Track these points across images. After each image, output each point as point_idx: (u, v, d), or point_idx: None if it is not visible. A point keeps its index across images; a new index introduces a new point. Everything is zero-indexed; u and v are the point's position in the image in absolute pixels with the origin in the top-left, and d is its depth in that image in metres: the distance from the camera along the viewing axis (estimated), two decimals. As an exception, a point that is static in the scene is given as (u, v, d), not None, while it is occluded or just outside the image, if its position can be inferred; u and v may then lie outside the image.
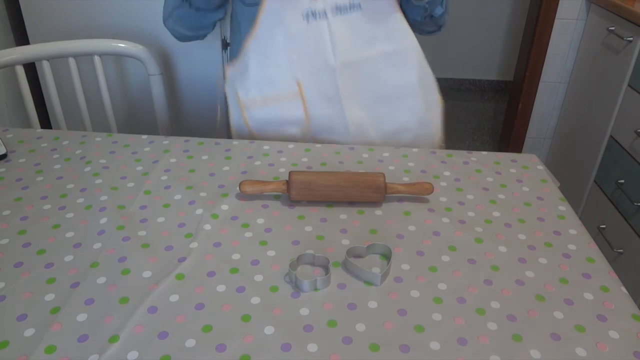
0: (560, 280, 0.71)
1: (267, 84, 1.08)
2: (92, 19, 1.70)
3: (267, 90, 1.09)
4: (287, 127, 1.12)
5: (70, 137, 1.05)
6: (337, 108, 1.08)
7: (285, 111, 1.10)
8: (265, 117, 1.12)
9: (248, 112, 1.12)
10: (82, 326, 0.63)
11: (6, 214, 0.82)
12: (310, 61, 1.05)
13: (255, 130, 1.14)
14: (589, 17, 2.08)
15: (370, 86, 1.10)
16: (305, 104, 1.08)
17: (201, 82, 1.82)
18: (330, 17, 1.02)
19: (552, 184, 0.93)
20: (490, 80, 3.61)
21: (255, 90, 1.09)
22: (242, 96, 1.10)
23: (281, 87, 1.08)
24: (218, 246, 0.76)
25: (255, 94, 1.10)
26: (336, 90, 1.06)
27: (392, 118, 1.14)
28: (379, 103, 1.12)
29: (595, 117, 1.95)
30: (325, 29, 1.02)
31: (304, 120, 1.10)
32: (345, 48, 1.04)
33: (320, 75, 1.06)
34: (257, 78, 1.08)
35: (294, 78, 1.07)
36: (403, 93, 1.12)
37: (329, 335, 0.62)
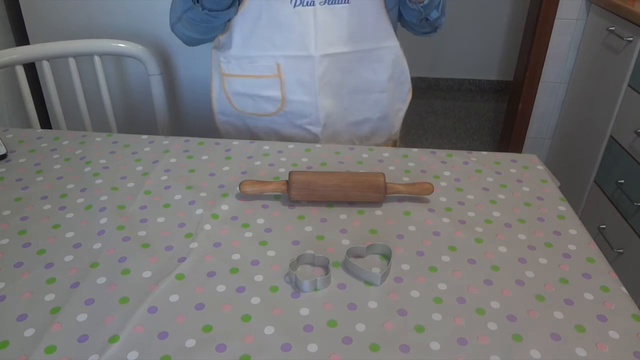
0: (561, 280, 0.71)
1: (247, 61, 1.11)
2: (92, 19, 1.70)
3: (247, 67, 1.11)
4: (262, 104, 1.15)
5: (70, 137, 1.05)
6: (312, 96, 1.11)
7: (263, 90, 1.13)
8: (242, 90, 1.15)
9: (227, 82, 1.15)
10: (82, 326, 0.63)
11: (6, 214, 0.82)
12: (291, 47, 1.07)
13: (233, 101, 1.17)
14: (589, 17, 2.08)
15: (344, 79, 1.12)
16: (282, 87, 1.11)
17: (201, 82, 1.82)
18: (318, 5, 1.03)
19: (552, 184, 0.93)
20: (490, 80, 3.61)
21: (236, 63, 1.12)
22: (224, 66, 1.14)
23: (261, 67, 1.10)
24: (218, 246, 0.76)
25: (235, 67, 1.12)
26: (313, 79, 1.09)
27: (357, 110, 1.18)
28: (349, 95, 1.15)
29: (595, 117, 1.95)
30: (311, 16, 1.03)
31: (280, 101, 1.13)
32: (327, 39, 1.06)
33: (300, 62, 1.08)
34: (239, 53, 1.10)
35: (274, 60, 1.09)
36: (372, 88, 1.16)
37: (329, 335, 0.62)
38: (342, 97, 1.15)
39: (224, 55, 1.12)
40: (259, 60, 1.10)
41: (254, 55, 1.10)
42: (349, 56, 1.10)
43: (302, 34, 1.05)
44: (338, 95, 1.14)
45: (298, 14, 1.03)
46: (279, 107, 1.14)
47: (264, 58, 1.09)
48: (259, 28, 1.06)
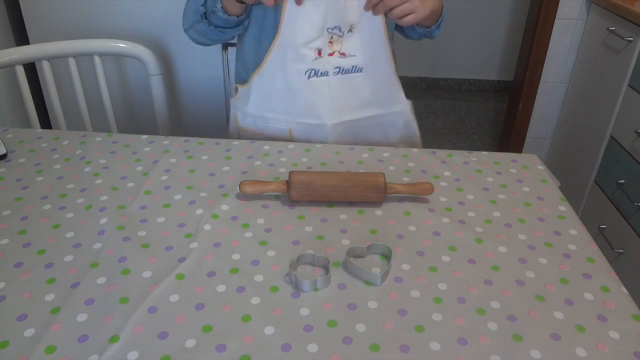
0: (561, 281, 0.71)
1: (262, 121, 1.13)
2: (92, 19, 1.70)
3: (262, 126, 1.13)
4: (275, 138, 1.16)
5: (70, 137, 1.05)
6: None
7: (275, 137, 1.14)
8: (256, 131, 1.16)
9: (243, 134, 1.17)
10: (82, 326, 0.63)
11: (6, 214, 0.82)
12: (304, 115, 1.08)
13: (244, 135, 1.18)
14: (589, 17, 2.08)
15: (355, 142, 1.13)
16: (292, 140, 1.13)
17: (201, 82, 1.82)
18: (332, 75, 1.04)
19: (553, 184, 0.93)
20: (490, 80, 3.61)
21: (251, 120, 1.14)
22: (240, 120, 1.16)
23: (273, 129, 1.12)
24: (218, 246, 0.76)
25: (250, 123, 1.14)
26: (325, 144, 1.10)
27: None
28: None
29: (595, 117, 1.95)
30: (325, 86, 1.05)
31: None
32: (340, 108, 1.07)
33: (312, 129, 1.09)
34: (255, 112, 1.12)
35: (286, 125, 1.11)
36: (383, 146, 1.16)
37: (329, 335, 0.62)
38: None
39: (241, 109, 1.14)
40: (272, 122, 1.11)
41: (267, 117, 1.11)
42: (361, 122, 1.11)
43: (315, 104, 1.06)
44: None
45: (312, 84, 1.04)
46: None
47: (277, 121, 1.11)
48: (274, 92, 1.08)
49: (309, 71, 1.03)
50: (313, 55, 1.02)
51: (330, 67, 1.03)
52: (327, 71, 1.04)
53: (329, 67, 1.03)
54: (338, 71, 1.04)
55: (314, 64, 1.03)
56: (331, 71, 1.04)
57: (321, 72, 1.04)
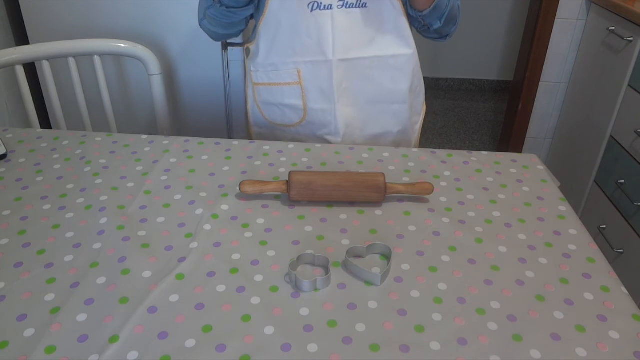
0: (561, 281, 0.71)
1: (272, 69, 1.11)
2: (92, 19, 1.70)
3: (272, 75, 1.12)
4: (288, 113, 1.15)
5: (70, 137, 1.05)
6: (330, 103, 1.10)
7: (286, 98, 1.13)
8: (270, 99, 1.15)
9: (257, 92, 1.16)
10: (82, 326, 0.63)
11: (6, 214, 0.82)
12: (310, 52, 1.06)
13: (264, 111, 1.18)
14: (589, 17, 2.08)
15: (363, 87, 1.11)
16: (303, 95, 1.11)
17: (201, 82, 1.82)
18: (335, 9, 1.02)
19: (552, 184, 0.93)
20: (490, 80, 3.61)
21: (263, 71, 1.13)
22: (254, 75, 1.15)
23: (283, 74, 1.11)
24: (218, 246, 0.76)
25: (262, 75, 1.13)
26: (331, 85, 1.08)
27: (377, 121, 1.16)
28: (369, 105, 1.13)
29: (595, 117, 1.95)
30: (328, 20, 1.03)
31: (302, 110, 1.13)
32: (344, 43, 1.05)
33: (318, 67, 1.07)
34: (264, 62, 1.11)
35: (295, 66, 1.09)
36: (393, 99, 1.14)
37: (329, 335, 0.62)
38: (362, 106, 1.13)
39: (254, 64, 1.14)
40: (281, 67, 1.10)
41: (276, 62, 1.10)
42: (367, 62, 1.08)
43: (319, 39, 1.05)
44: (357, 104, 1.12)
45: (315, 18, 1.03)
46: (302, 117, 1.14)
47: (286, 64, 1.09)
48: (279, 35, 1.06)
49: (311, 4, 1.01)
50: None
51: (334, 0, 1.01)
52: (331, 4, 1.02)
53: (333, 1, 1.01)
54: (342, 4, 1.02)
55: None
56: (335, 4, 1.02)
57: (324, 5, 1.02)
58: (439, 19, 1.07)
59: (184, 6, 1.68)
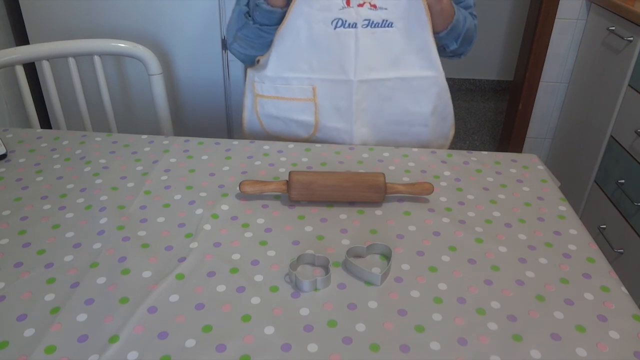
0: (561, 281, 0.71)
1: (282, 82, 1.08)
2: (92, 19, 1.70)
3: (282, 89, 1.08)
4: (295, 128, 1.12)
5: (70, 137, 1.05)
6: (347, 123, 1.08)
7: (296, 114, 1.10)
8: (275, 113, 1.12)
9: (260, 104, 1.12)
10: (82, 326, 0.63)
11: (6, 214, 0.82)
12: (329, 70, 1.04)
13: (264, 124, 1.14)
14: (589, 17, 2.08)
15: (382, 107, 1.08)
16: (317, 112, 1.08)
17: (201, 82, 1.82)
18: (360, 28, 0.99)
19: (553, 184, 0.93)
20: (490, 80, 3.61)
21: (270, 84, 1.09)
22: (258, 86, 1.11)
23: (295, 89, 1.07)
24: (218, 246, 0.76)
25: (269, 88, 1.09)
26: (350, 105, 1.06)
27: (396, 143, 1.13)
28: (388, 125, 1.11)
29: (595, 117, 1.95)
30: (352, 39, 1.00)
31: (313, 127, 1.10)
32: (367, 64, 1.03)
33: (337, 86, 1.05)
34: (274, 74, 1.08)
35: (310, 83, 1.06)
36: (414, 121, 1.11)
37: (329, 335, 0.62)
38: (380, 127, 1.10)
39: (259, 75, 1.10)
40: (294, 82, 1.07)
41: (289, 77, 1.07)
42: (389, 83, 1.06)
43: (341, 57, 1.02)
44: (375, 125, 1.10)
45: (338, 36, 1.00)
46: (312, 133, 1.11)
47: (300, 80, 1.06)
48: (296, 49, 1.03)
49: (335, 20, 0.98)
50: (341, 3, 0.97)
51: (359, 19, 0.98)
52: (356, 23, 0.99)
53: (358, 19, 0.98)
54: (367, 24, 0.99)
55: (341, 13, 0.98)
56: (360, 23, 0.99)
57: (349, 24, 0.99)
58: (455, 40, 1.06)
59: (184, 6, 1.68)
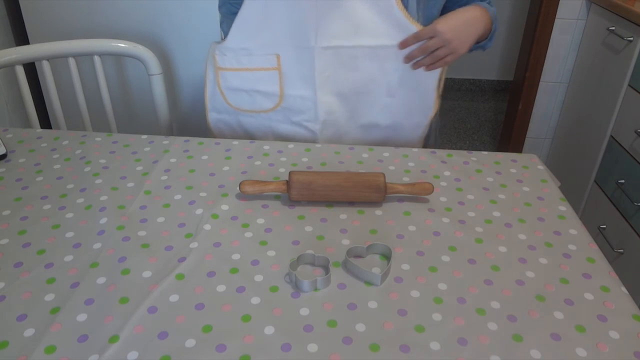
0: (561, 281, 0.71)
1: (244, 53, 1.06)
2: (92, 19, 1.70)
3: (244, 60, 1.06)
4: (259, 99, 1.10)
5: (70, 137, 1.05)
6: (311, 90, 1.07)
7: (260, 85, 1.08)
8: (238, 86, 1.10)
9: (222, 77, 1.10)
10: (82, 326, 0.63)
11: (6, 214, 0.82)
12: (291, 37, 1.02)
13: (227, 97, 1.12)
14: (589, 17, 2.08)
15: (348, 76, 1.06)
16: (281, 81, 1.07)
17: (201, 82, 1.82)
18: None
19: (553, 184, 0.93)
20: (490, 80, 3.61)
21: (232, 56, 1.07)
22: (219, 59, 1.09)
23: (259, 59, 1.06)
24: (218, 246, 0.76)
25: (231, 60, 1.07)
26: (312, 72, 1.04)
27: (365, 113, 1.11)
28: (355, 95, 1.09)
29: (595, 117, 1.95)
30: (312, 5, 0.97)
31: (278, 97, 1.09)
32: (329, 31, 1.00)
33: (300, 53, 1.03)
34: (236, 45, 1.05)
35: (273, 51, 1.04)
36: (377, 90, 1.08)
37: (329, 335, 0.62)
38: (347, 95, 1.09)
39: (219, 47, 1.07)
40: (257, 51, 1.04)
41: (251, 47, 1.04)
42: (353, 51, 1.03)
43: (301, 24, 0.99)
44: (341, 94, 1.08)
45: (298, 3, 0.97)
46: (277, 103, 1.09)
47: (263, 49, 1.04)
48: (258, 17, 1.01)
49: None
50: None
51: None
52: None
53: None
54: None
55: None
56: None
57: None
58: (490, 40, 1.08)
59: (184, 6, 1.68)
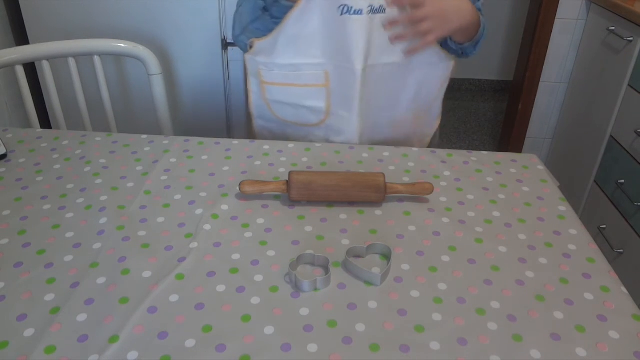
0: (561, 280, 0.71)
1: (293, 70, 1.06)
2: (92, 19, 1.70)
3: (292, 76, 1.07)
4: (305, 113, 1.11)
5: (70, 137, 1.05)
6: (352, 112, 1.08)
7: (307, 100, 1.09)
8: (284, 100, 1.11)
9: (268, 90, 1.11)
10: (82, 326, 0.63)
11: (6, 214, 0.82)
12: (338, 56, 1.03)
13: (273, 108, 1.13)
14: (589, 17, 2.08)
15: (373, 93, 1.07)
16: (329, 97, 1.07)
17: (201, 82, 1.82)
18: (365, 15, 0.98)
19: (552, 184, 0.93)
20: (490, 80, 3.61)
21: (279, 72, 1.08)
22: (265, 74, 1.09)
23: (307, 76, 1.06)
24: (218, 246, 0.76)
25: (278, 75, 1.08)
26: (356, 95, 1.05)
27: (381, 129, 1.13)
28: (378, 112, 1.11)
29: (595, 117, 1.95)
30: (357, 26, 0.98)
31: (324, 113, 1.09)
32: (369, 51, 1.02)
33: (344, 73, 1.04)
34: (284, 61, 1.06)
35: (322, 69, 1.05)
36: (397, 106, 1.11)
37: (329, 335, 0.62)
38: (372, 113, 1.10)
39: (265, 63, 1.08)
40: (306, 68, 1.06)
41: (300, 64, 1.05)
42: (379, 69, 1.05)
43: (347, 44, 1.00)
44: (369, 113, 1.09)
45: (344, 23, 0.98)
46: (322, 119, 1.10)
47: (312, 66, 1.05)
48: (308, 35, 1.02)
49: (341, 7, 0.97)
50: None
51: (365, 5, 0.97)
52: (361, 9, 0.97)
53: (363, 5, 0.97)
54: (370, 10, 0.98)
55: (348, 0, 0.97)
56: (365, 10, 0.97)
57: (355, 10, 0.97)
58: (475, 47, 1.08)
59: (184, 6, 1.68)
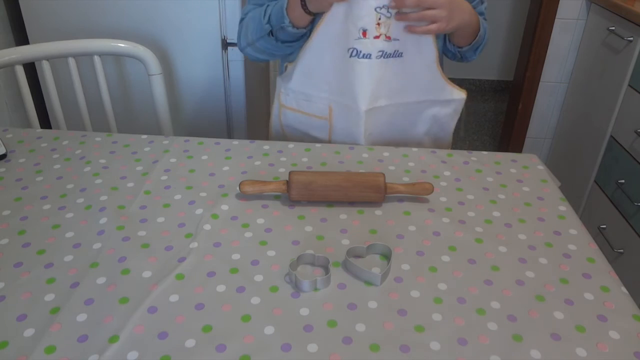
0: (561, 280, 0.71)
1: (303, 97, 1.12)
2: (92, 19, 1.70)
3: (303, 103, 1.12)
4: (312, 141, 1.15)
5: (70, 137, 1.05)
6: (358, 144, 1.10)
7: (313, 130, 1.14)
8: (295, 125, 1.16)
9: (284, 113, 1.16)
10: (82, 326, 0.63)
11: (6, 214, 0.82)
12: (343, 95, 1.06)
13: (286, 133, 1.19)
14: (589, 17, 2.08)
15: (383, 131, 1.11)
16: (330, 132, 1.12)
17: (201, 82, 1.82)
18: (374, 59, 1.00)
19: (553, 184, 0.93)
20: (490, 80, 3.61)
21: (293, 97, 1.13)
22: (283, 97, 1.15)
23: (314, 107, 1.11)
24: (218, 246, 0.76)
25: (292, 100, 1.13)
26: (359, 133, 1.08)
27: None
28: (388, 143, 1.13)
29: (595, 117, 1.95)
30: (364, 69, 1.01)
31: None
32: (376, 93, 1.04)
33: (349, 112, 1.07)
34: (298, 88, 1.11)
35: (327, 102, 1.09)
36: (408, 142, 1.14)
37: (329, 335, 0.62)
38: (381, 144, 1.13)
39: (285, 86, 1.13)
40: (314, 99, 1.10)
41: (310, 93, 1.10)
42: (391, 109, 1.08)
43: (353, 85, 1.03)
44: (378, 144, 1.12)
45: (352, 65, 1.01)
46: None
47: (319, 98, 1.09)
48: (319, 67, 1.06)
49: (351, 50, 1.00)
50: (357, 34, 0.98)
51: (374, 50, 0.99)
52: (370, 54, 1.00)
53: (373, 50, 0.99)
54: (381, 55, 1.00)
55: (357, 44, 0.99)
56: (374, 54, 1.00)
57: (363, 54, 1.00)
58: (475, 52, 1.09)
59: (184, 6, 1.68)
